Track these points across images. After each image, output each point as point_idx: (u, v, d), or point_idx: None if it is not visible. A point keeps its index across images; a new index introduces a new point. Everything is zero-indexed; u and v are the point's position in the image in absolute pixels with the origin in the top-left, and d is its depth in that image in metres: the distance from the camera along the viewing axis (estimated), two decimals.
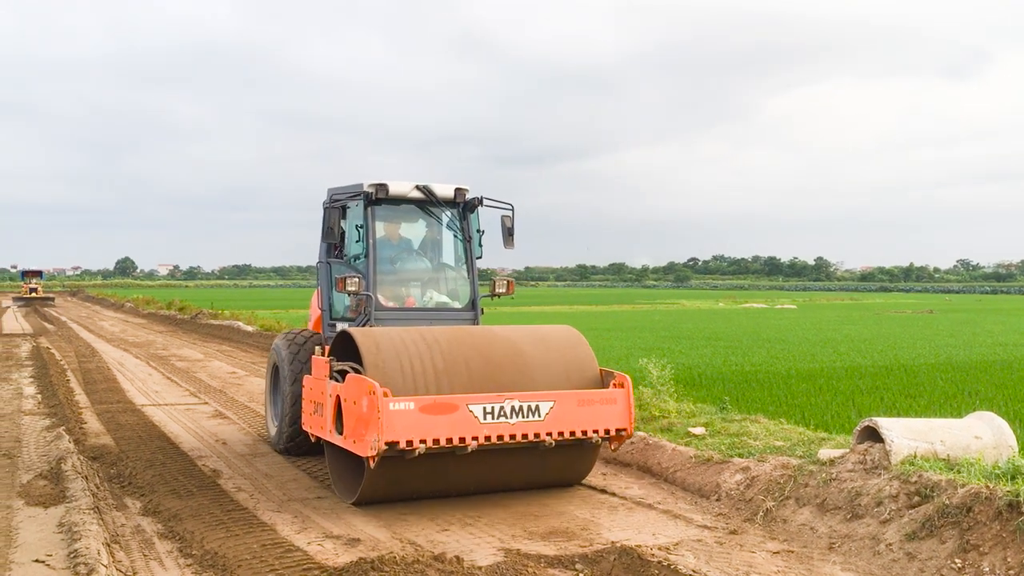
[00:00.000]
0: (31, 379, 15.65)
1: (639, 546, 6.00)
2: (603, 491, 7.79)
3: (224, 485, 7.90)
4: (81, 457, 8.53)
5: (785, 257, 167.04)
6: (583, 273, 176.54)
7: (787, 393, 12.64)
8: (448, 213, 8.99)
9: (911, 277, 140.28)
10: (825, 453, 7.21)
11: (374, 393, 6.49)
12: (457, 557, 5.63)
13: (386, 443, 6.43)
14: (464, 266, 9.03)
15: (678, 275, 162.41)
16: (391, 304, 8.52)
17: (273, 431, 9.66)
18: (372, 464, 6.62)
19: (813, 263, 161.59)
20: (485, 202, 8.94)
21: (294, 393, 8.89)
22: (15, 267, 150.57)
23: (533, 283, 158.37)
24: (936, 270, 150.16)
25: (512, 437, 6.86)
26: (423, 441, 6.54)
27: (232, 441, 10.02)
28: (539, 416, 6.97)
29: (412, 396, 6.71)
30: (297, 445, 9.01)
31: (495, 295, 9.13)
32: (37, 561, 5.57)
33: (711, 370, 15.69)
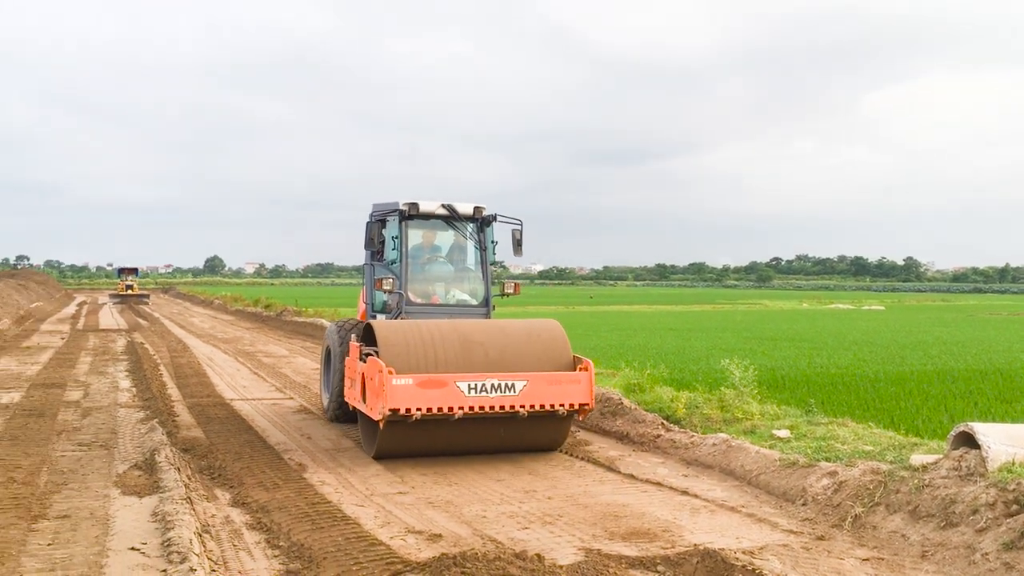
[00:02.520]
0: (126, 373, 16.24)
1: (723, 549, 5.91)
2: (684, 492, 7.70)
3: (309, 479, 8.06)
4: (173, 449, 8.81)
5: (873, 257, 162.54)
6: (662, 273, 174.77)
7: (875, 397, 12.30)
8: (468, 227, 10.65)
9: (1007, 278, 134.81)
10: (917, 459, 6.99)
11: (381, 371, 8.19)
12: (538, 555, 5.63)
13: (389, 409, 8.14)
14: (480, 270, 10.69)
15: (760, 275, 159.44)
16: (419, 300, 10.30)
17: (326, 402, 11.31)
18: (382, 426, 8.35)
19: (902, 263, 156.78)
20: (499, 218, 10.58)
21: (340, 371, 10.53)
22: (111, 265, 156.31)
23: (612, 283, 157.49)
24: None
25: (492, 408, 8.44)
26: (419, 409, 8.21)
27: (316, 436, 10.22)
28: (514, 392, 8.52)
29: (412, 374, 8.32)
30: (343, 413, 10.68)
31: (504, 295, 10.81)
32: (132, 549, 5.78)
33: (795, 372, 15.37)
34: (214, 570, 5.39)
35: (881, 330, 29.02)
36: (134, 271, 58.00)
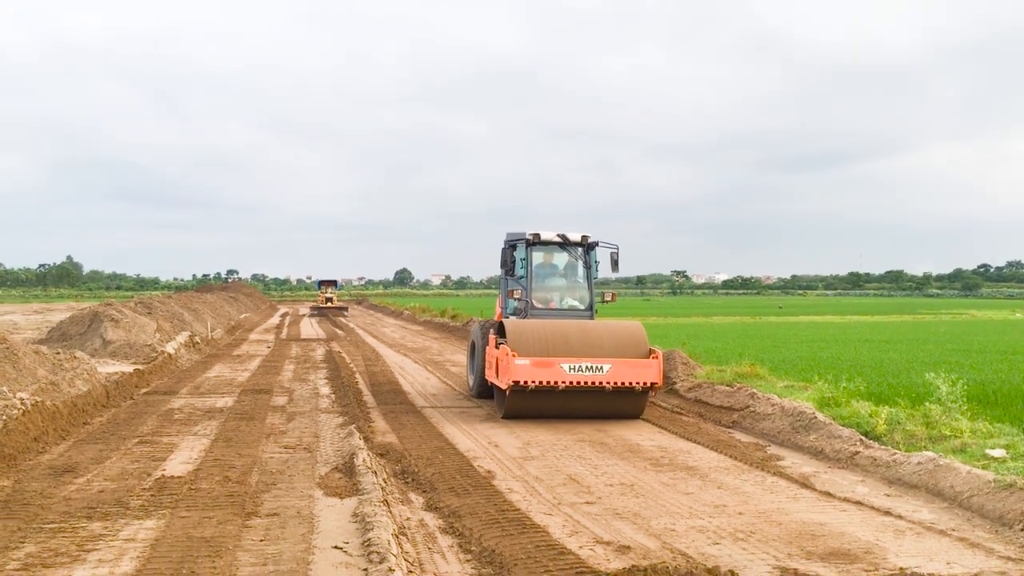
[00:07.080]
0: (325, 380, 17.14)
1: (932, 574, 5.55)
2: (887, 513, 7.29)
3: (498, 486, 8.21)
4: (370, 453, 9.20)
5: None
6: (855, 281, 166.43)
7: None
8: (577, 250, 13.95)
9: None
10: None
11: (507, 354, 11.63)
12: (731, 571, 5.49)
13: (512, 381, 11.51)
14: (586, 283, 13.93)
15: (966, 283, 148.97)
16: (540, 306, 13.64)
17: (471, 383, 14.78)
18: (508, 393, 11.75)
19: None
20: (600, 244, 13.83)
21: (482, 358, 13.88)
22: (310, 278, 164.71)
23: (801, 292, 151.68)
24: None
25: (585, 383, 11.64)
26: (533, 381, 11.52)
27: (504, 444, 10.40)
28: (602, 372, 11.65)
29: (529, 356, 11.66)
30: (483, 391, 14.05)
31: (604, 302, 14.19)
32: (336, 547, 6.08)
33: (1009, 387, 14.21)
34: (411, 571, 5.59)
35: None
36: (333, 283, 58.03)
